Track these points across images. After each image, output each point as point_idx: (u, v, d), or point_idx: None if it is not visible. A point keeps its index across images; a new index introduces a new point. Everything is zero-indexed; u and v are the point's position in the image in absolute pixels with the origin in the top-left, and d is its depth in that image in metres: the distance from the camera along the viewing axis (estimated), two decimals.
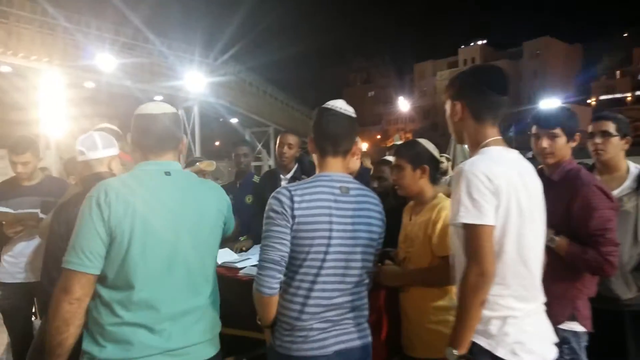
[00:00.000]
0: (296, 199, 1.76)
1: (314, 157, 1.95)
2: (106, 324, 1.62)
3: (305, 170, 3.92)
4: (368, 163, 4.80)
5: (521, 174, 1.73)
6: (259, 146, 29.86)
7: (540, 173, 2.31)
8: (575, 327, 2.21)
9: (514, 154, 1.80)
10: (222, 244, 2.01)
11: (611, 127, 2.71)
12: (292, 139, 3.94)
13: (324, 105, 1.96)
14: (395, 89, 72.65)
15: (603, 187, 2.25)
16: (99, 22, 19.23)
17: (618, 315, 2.60)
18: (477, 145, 1.79)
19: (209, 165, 3.57)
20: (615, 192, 2.62)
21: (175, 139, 1.85)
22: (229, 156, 4.22)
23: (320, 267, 1.78)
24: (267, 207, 1.81)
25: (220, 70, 25.00)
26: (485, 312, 1.65)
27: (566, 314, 2.20)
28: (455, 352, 1.62)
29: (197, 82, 22.54)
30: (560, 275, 2.17)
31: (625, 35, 63.71)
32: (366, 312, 1.95)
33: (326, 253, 1.77)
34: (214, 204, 1.86)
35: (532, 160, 2.16)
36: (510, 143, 1.87)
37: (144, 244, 1.63)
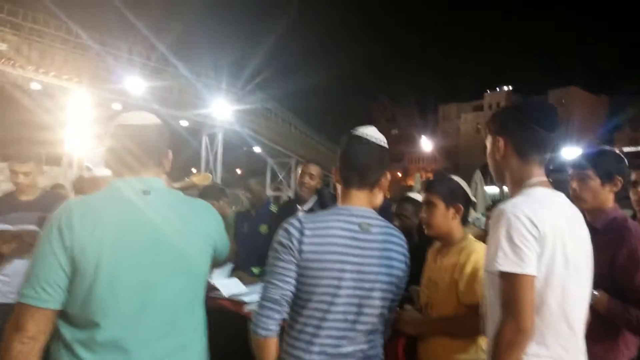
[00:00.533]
0: (307, 232, 1.56)
1: (338, 188, 1.76)
2: None
3: (324, 202, 3.76)
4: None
5: (569, 220, 1.55)
6: (280, 177, 29.91)
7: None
8: None
9: (562, 197, 1.61)
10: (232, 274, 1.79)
11: None
12: (314, 169, 3.83)
13: (353, 132, 1.76)
14: (418, 129, 72.73)
15: None
16: (130, 45, 19.72)
17: None
18: (519, 185, 1.61)
19: (203, 178, 3.35)
20: None
21: (158, 153, 1.60)
22: None
23: (327, 311, 1.57)
24: (274, 238, 1.62)
25: (246, 98, 25.31)
26: None
27: None
28: None
29: (223, 109, 22.79)
30: (600, 334, 1.97)
31: None
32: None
33: (335, 296, 1.56)
34: (201, 226, 1.61)
35: None
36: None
37: (113, 276, 1.39)
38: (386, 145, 1.76)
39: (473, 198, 2.40)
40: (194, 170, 21.46)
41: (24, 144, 3.01)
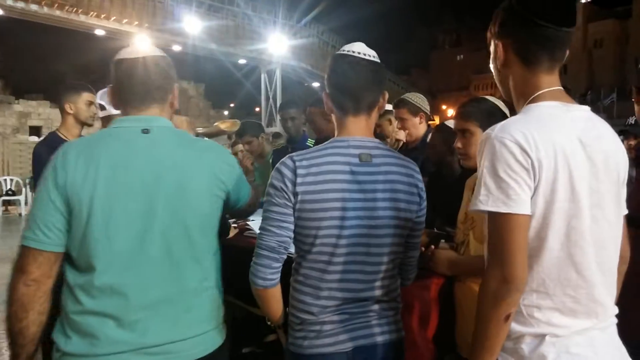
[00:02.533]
0: (300, 171, 1.44)
1: (333, 119, 1.60)
2: (70, 312, 1.39)
3: None
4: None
5: (584, 141, 1.24)
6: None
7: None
8: None
9: (580, 112, 1.29)
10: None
11: None
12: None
13: (339, 51, 1.58)
14: (486, 53, 68.91)
15: None
16: None
17: None
18: (525, 99, 1.32)
19: (232, 125, 3.24)
20: None
21: (161, 88, 1.50)
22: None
23: (332, 254, 1.47)
24: (268, 181, 1.52)
25: (303, 32, 24.80)
26: (517, 327, 1.26)
27: None
28: None
29: (280, 44, 22.52)
30: None
31: None
32: (397, 305, 1.64)
33: (339, 237, 1.45)
34: (205, 168, 1.50)
35: (633, 127, 1.69)
36: (610, 112, 1.37)
37: (108, 216, 1.35)
38: (378, 60, 1.57)
39: None
40: (257, 109, 21.60)
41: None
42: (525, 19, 1.28)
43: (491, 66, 1.44)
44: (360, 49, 1.56)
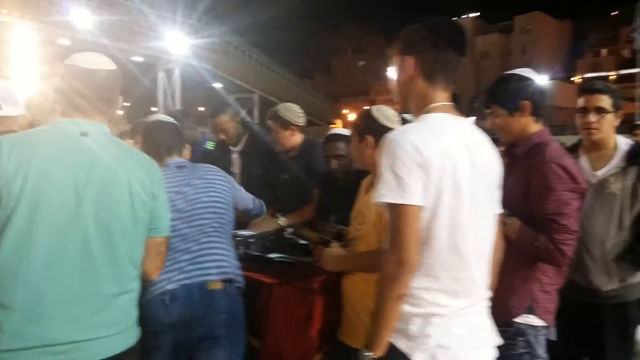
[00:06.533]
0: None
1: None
2: None
3: (254, 139, 3.56)
4: None
5: (468, 147, 1.49)
6: (243, 113, 29.26)
7: (510, 147, 2.18)
8: (533, 320, 2.01)
9: (464, 123, 1.56)
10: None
11: (607, 102, 2.39)
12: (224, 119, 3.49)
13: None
14: (385, 59, 71.85)
15: (568, 166, 1.98)
16: None
17: (598, 307, 2.39)
18: (421, 110, 1.54)
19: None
20: (600, 173, 2.39)
21: (108, 101, 1.62)
22: None
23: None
24: None
25: (204, 31, 24.21)
26: (407, 308, 1.44)
27: (523, 306, 2.00)
28: (369, 354, 1.41)
29: (179, 43, 21.81)
30: (517, 263, 1.97)
31: (615, 13, 63.26)
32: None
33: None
34: (133, 177, 1.57)
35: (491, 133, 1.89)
36: (476, 114, 1.64)
37: (34, 210, 1.41)
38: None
39: None
40: (154, 109, 20.72)
41: None
42: (433, 43, 1.53)
43: (391, 77, 1.66)
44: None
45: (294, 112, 3.29)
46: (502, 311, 1.79)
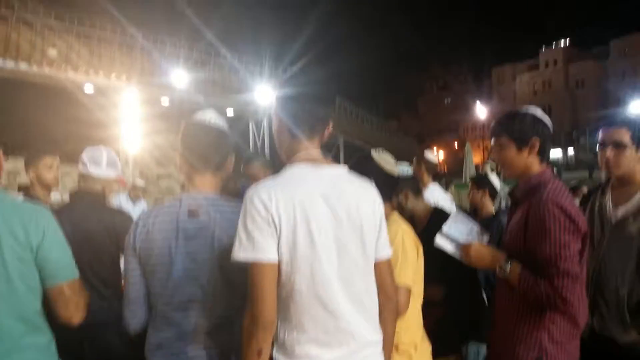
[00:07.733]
0: (140, 227, 1.72)
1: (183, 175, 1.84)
2: None
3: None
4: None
5: (327, 195, 1.47)
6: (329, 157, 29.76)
7: (512, 191, 2.14)
8: None
9: (330, 171, 1.55)
10: None
11: (625, 136, 2.24)
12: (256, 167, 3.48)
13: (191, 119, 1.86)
14: (472, 95, 70.45)
15: (565, 205, 1.85)
16: (173, 39, 20.05)
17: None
18: (289, 161, 1.61)
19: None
20: (620, 211, 2.21)
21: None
22: None
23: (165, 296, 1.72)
24: None
25: (290, 82, 25.18)
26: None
27: (531, 357, 1.88)
28: None
29: (266, 94, 22.88)
30: (523, 311, 1.90)
31: None
32: None
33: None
34: (5, 234, 1.58)
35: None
36: (575, 144, 1.49)
37: None
38: (224, 129, 1.84)
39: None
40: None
41: (83, 145, 3.10)
42: (285, 100, 1.64)
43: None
44: (209, 117, 1.83)
45: (390, 162, 3.26)
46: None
